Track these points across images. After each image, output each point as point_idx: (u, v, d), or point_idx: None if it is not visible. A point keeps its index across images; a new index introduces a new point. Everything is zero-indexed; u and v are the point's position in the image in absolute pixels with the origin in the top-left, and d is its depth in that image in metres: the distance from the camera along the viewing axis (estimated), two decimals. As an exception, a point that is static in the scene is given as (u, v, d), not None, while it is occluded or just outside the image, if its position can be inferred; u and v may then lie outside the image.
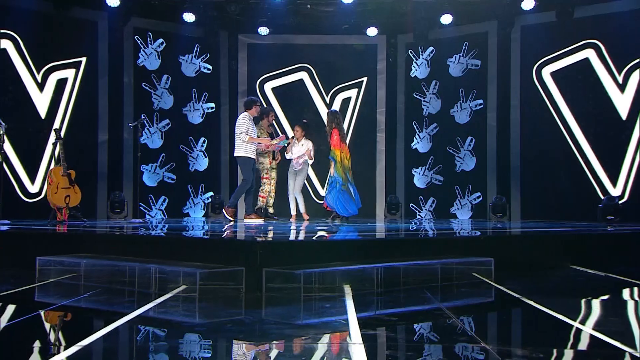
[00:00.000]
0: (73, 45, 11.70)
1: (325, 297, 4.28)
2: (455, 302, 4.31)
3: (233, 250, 4.59)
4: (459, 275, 5.08)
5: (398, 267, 4.71)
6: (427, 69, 13.10)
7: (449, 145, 12.73)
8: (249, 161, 9.29)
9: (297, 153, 10.13)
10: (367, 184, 13.05)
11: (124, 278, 4.57)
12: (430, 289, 4.65)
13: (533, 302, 4.14)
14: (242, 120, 9.30)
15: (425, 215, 12.95)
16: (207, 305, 4.03)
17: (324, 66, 13.37)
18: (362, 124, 13.39)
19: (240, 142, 9.20)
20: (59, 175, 8.51)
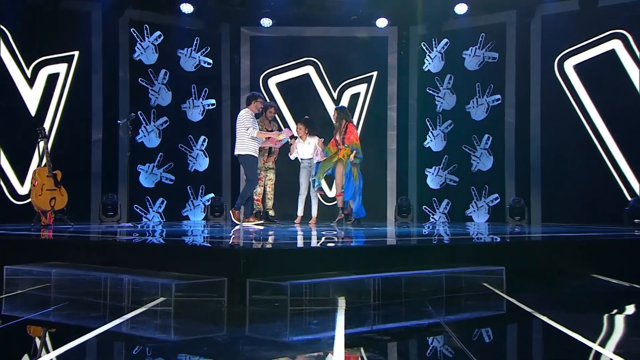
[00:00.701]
0: (65, 38, 11.52)
1: (316, 311, 4.05)
2: (457, 317, 4.05)
3: (214, 259, 4.35)
4: (467, 286, 4.82)
5: (398, 278, 4.46)
6: (441, 63, 12.85)
7: (465, 144, 12.48)
8: (253, 159, 9.12)
9: (305, 153, 9.90)
10: (377, 184, 12.79)
11: (98, 289, 4.35)
12: (434, 302, 4.40)
13: (546, 318, 3.87)
14: (244, 116, 9.12)
15: (439, 218, 12.67)
16: (182, 321, 3.80)
17: (332, 60, 13.13)
18: (371, 121, 13.14)
19: (244, 140, 9.00)
20: (44, 176, 8.34)
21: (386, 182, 13.04)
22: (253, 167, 9.14)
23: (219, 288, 4.10)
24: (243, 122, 9.06)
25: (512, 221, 11.13)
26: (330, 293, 4.32)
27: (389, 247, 5.36)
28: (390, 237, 6.73)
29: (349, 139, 9.65)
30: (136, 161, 12.12)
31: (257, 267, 4.21)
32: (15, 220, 10.33)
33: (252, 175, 9.09)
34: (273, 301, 4.04)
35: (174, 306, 3.92)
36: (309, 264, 4.53)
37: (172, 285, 3.92)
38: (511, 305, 4.37)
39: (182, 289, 4.02)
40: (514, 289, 4.86)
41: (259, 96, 9.41)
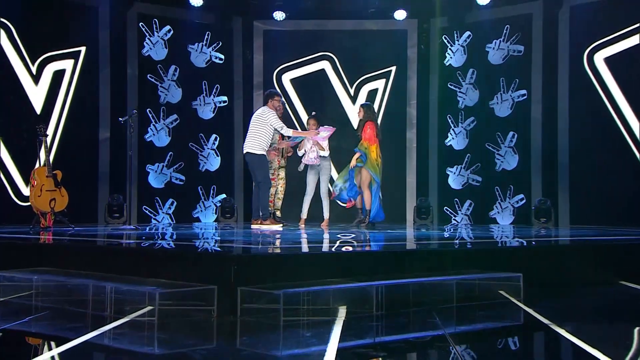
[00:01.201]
0: (71, 33, 11.45)
1: (312, 322, 3.83)
2: (465, 329, 3.81)
3: (204, 266, 4.15)
4: (482, 294, 4.58)
5: (404, 285, 4.23)
6: (464, 57, 12.59)
7: (488, 142, 12.21)
8: (265, 160, 9.01)
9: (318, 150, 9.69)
10: (396, 185, 12.61)
11: (82, 297, 4.17)
12: (442, 312, 4.16)
13: (564, 331, 3.61)
14: (269, 113, 8.96)
15: (461, 220, 12.41)
16: (167, 333, 3.61)
17: (348, 54, 12.94)
18: (390, 118, 12.91)
19: (261, 138, 8.86)
20: (43, 176, 8.24)
21: (405, 183, 12.82)
22: (266, 169, 9.00)
23: (208, 297, 3.90)
24: (269, 119, 8.91)
25: (538, 223, 10.85)
26: (330, 302, 4.10)
27: (395, 252, 5.12)
28: (400, 241, 6.49)
29: (364, 137, 9.43)
30: (145, 161, 12.04)
31: (249, 274, 4.01)
32: (19, 221, 10.24)
33: (264, 177, 8.93)
34: (266, 311, 3.83)
35: (158, 316, 3.72)
36: (308, 271, 4.32)
37: (156, 294, 3.72)
38: (527, 316, 4.12)
39: (168, 298, 3.82)
40: (532, 297, 4.61)
41: (277, 94, 9.31)
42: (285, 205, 10.07)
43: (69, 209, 10.98)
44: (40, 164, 8.57)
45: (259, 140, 8.90)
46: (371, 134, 9.32)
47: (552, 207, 11.00)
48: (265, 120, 8.94)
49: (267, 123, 8.93)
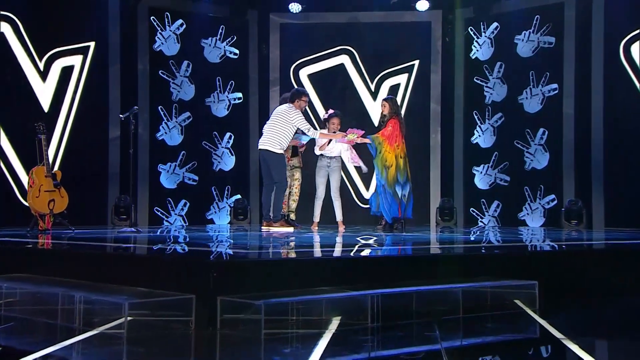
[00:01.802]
0: (80, 28, 11.32)
1: (299, 336, 3.58)
2: (466, 343, 3.53)
3: (182, 273, 3.91)
4: (493, 304, 4.28)
5: (403, 294, 3.96)
6: (491, 49, 12.27)
7: (517, 139, 11.87)
8: (283, 160, 8.86)
9: (334, 150, 9.43)
10: (419, 185, 12.11)
11: (53, 307, 3.96)
12: (445, 323, 3.87)
13: (577, 348, 3.29)
14: (294, 112, 8.75)
15: (488, 222, 12.08)
16: (138, 348, 3.37)
17: (369, 48, 12.68)
18: (413, 114, 12.55)
19: (281, 137, 8.70)
20: (42, 176, 8.11)
21: (429, 183, 12.54)
22: (284, 169, 8.83)
23: (185, 307, 3.66)
24: (295, 119, 8.72)
25: (568, 226, 10.50)
26: (322, 313, 3.84)
27: (396, 257, 4.84)
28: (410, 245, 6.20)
29: (383, 133, 9.16)
30: (157, 160, 11.91)
31: (231, 282, 3.76)
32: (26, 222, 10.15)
33: (282, 177, 8.76)
34: (248, 323, 3.58)
35: (129, 329, 3.49)
36: (299, 278, 4.06)
37: (124, 304, 3.48)
38: (539, 329, 3.81)
39: (141, 308, 3.59)
40: (550, 307, 4.31)
41: (305, 93, 9.14)
42: (301, 207, 9.88)
43: (78, 210, 10.91)
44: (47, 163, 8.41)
45: (279, 138, 8.73)
46: (391, 133, 9.07)
47: (583, 209, 10.64)
48: (291, 120, 8.74)
49: (292, 122, 8.74)
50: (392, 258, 4.81)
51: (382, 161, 9.04)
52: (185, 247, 5.58)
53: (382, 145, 9.06)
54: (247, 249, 5.34)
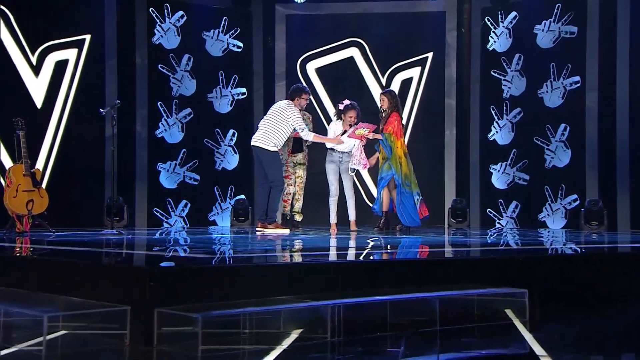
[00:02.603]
0: (75, 20, 11.11)
1: (244, 352, 3.21)
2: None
3: (117, 281, 3.55)
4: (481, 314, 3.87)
5: (370, 305, 3.55)
6: (509, 40, 11.88)
7: (537, 135, 11.48)
8: (278, 158, 8.66)
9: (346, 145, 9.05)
10: (433, 184, 11.98)
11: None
12: (416, 337, 3.49)
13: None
14: (291, 110, 8.55)
15: (507, 224, 11.70)
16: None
17: (379, 40, 12.35)
18: (426, 110, 12.30)
19: (276, 134, 8.46)
20: (20, 175, 7.85)
21: (443, 181, 12.22)
22: (279, 168, 8.64)
23: (120, 320, 3.30)
24: (291, 117, 8.50)
25: (588, 228, 10.10)
26: (281, 326, 3.47)
27: (365, 263, 4.44)
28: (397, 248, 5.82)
29: (387, 128, 8.82)
30: (156, 159, 11.66)
31: (172, 292, 3.40)
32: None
33: (276, 176, 8.51)
34: (187, 338, 3.21)
35: (47, 346, 3.14)
36: (254, 287, 3.67)
37: (44, 318, 3.12)
38: (521, 344, 3.38)
39: (69, 321, 3.24)
40: (543, 318, 3.88)
41: (306, 91, 8.89)
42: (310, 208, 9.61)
43: (73, 211, 10.74)
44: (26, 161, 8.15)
45: (274, 135, 8.48)
46: (398, 127, 8.78)
47: (604, 209, 10.22)
48: (287, 118, 8.49)
49: (289, 121, 8.50)
50: (362, 264, 4.41)
51: (396, 159, 8.76)
52: (134, 252, 5.26)
53: (394, 142, 8.77)
54: (207, 253, 4.98)
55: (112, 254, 5.03)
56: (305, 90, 8.96)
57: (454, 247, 6.33)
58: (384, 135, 8.70)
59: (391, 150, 8.62)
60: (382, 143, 8.72)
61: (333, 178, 9.12)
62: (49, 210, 10.57)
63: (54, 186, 10.79)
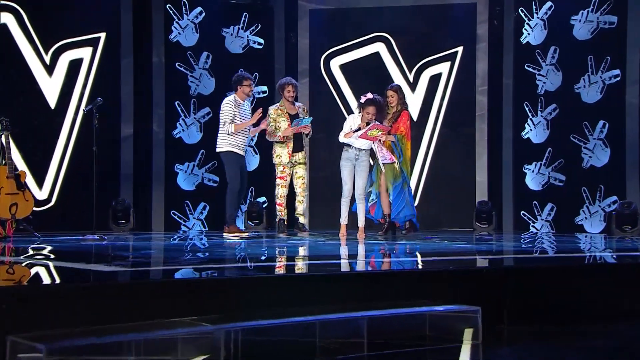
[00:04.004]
0: (89, 18, 11.06)
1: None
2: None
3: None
4: (433, 335, 3.48)
5: (275, 328, 3.16)
6: (544, 32, 11.48)
7: (573, 133, 11.07)
8: (233, 157, 8.81)
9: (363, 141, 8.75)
10: (463, 185, 11.74)
11: None
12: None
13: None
14: (222, 106, 8.93)
15: (542, 227, 11.30)
16: None
17: (406, 35, 12.07)
18: (456, 107, 11.97)
19: (222, 134, 8.85)
20: (3, 177, 7.78)
21: (474, 183, 11.87)
22: (230, 168, 8.80)
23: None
24: (220, 116, 8.82)
25: (619, 232, 9.71)
26: (173, 353, 3.11)
27: (280, 277, 4.08)
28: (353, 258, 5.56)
29: (398, 128, 8.53)
30: (173, 160, 11.55)
31: (29, 316, 3.10)
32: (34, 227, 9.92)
33: (229, 178, 8.82)
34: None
35: None
36: (140, 307, 3.33)
37: None
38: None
39: None
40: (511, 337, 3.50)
41: (245, 77, 8.96)
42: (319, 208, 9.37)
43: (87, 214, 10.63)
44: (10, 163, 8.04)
45: (219, 136, 8.94)
46: (409, 128, 8.52)
47: (638, 212, 9.80)
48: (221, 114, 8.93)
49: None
50: (277, 279, 4.03)
51: (407, 161, 8.57)
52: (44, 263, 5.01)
53: (404, 145, 8.51)
54: (128, 266, 4.72)
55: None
56: (244, 76, 9.09)
57: (408, 255, 6.13)
58: (395, 137, 8.40)
59: (402, 153, 8.32)
60: (393, 145, 8.42)
61: (347, 177, 8.79)
62: (60, 212, 10.69)
63: (68, 188, 10.79)
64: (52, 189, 10.75)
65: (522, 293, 4.07)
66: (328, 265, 5.35)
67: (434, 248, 7.20)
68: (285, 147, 9.14)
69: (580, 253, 6.98)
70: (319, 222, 11.42)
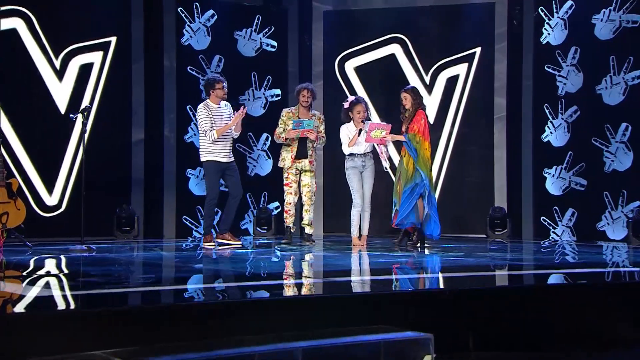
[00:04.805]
0: (100, 22, 11.04)
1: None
2: None
3: None
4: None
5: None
6: (564, 32, 11.28)
7: (595, 136, 10.86)
8: (211, 166, 8.76)
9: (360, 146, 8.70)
10: (482, 189, 11.62)
11: None
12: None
13: None
14: (198, 116, 8.89)
15: (562, 233, 11.09)
16: None
17: (423, 36, 11.99)
18: (474, 109, 11.84)
19: (202, 142, 8.80)
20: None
21: (493, 187, 11.72)
22: (210, 176, 8.76)
23: None
24: (198, 122, 8.77)
25: (635, 241, 9.47)
26: None
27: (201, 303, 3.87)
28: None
29: (417, 130, 8.38)
30: (185, 165, 11.51)
31: None
32: (40, 235, 9.93)
33: (207, 186, 8.88)
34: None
35: None
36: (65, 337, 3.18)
37: None
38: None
39: None
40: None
41: (217, 80, 8.92)
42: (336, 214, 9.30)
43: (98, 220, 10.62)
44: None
45: (200, 145, 8.91)
46: (425, 127, 8.37)
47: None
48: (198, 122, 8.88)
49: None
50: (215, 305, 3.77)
51: (425, 161, 8.35)
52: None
53: (420, 144, 8.33)
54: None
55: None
56: (216, 79, 9.01)
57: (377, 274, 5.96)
58: (407, 136, 8.27)
59: (417, 153, 8.18)
60: (405, 145, 8.30)
61: (357, 185, 8.71)
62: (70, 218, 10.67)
63: (78, 194, 10.77)
64: (62, 194, 10.73)
65: (486, 318, 3.85)
66: (273, 287, 5.06)
67: (418, 263, 7.09)
68: (290, 151, 9.04)
69: (561, 269, 6.74)
70: (337, 226, 11.34)
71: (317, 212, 12.03)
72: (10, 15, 10.44)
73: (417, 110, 8.42)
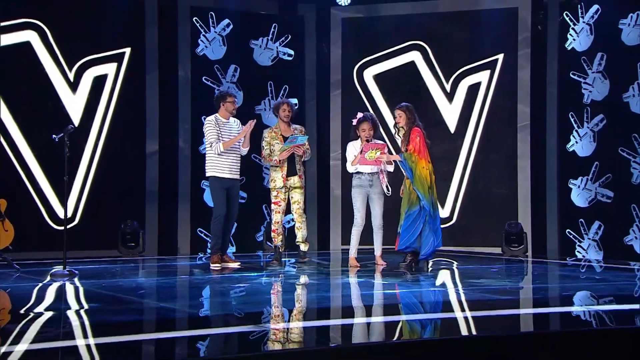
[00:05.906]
0: (114, 33, 11.11)
1: None
2: None
3: None
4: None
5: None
6: (590, 38, 11.02)
7: (622, 146, 10.59)
8: (215, 182, 8.78)
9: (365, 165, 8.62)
10: (505, 201, 11.43)
11: None
12: None
13: None
14: (205, 129, 8.89)
15: (588, 247, 10.82)
16: None
17: (443, 42, 11.84)
18: (496, 118, 11.64)
19: (208, 157, 8.84)
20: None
21: (517, 198, 11.49)
22: (216, 193, 8.73)
23: None
24: (205, 134, 8.76)
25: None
26: None
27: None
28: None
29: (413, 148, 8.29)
30: (200, 176, 11.47)
31: None
32: (52, 248, 10.03)
33: (214, 203, 8.89)
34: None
35: None
36: None
37: None
38: None
39: None
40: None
41: (228, 94, 8.92)
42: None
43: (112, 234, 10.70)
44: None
45: (206, 158, 8.91)
46: (421, 144, 8.25)
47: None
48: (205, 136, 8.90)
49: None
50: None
51: (422, 181, 8.19)
52: None
53: (416, 163, 8.21)
54: None
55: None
56: (227, 93, 9.14)
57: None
58: (402, 156, 8.16)
59: (412, 172, 8.06)
60: (400, 165, 8.21)
61: (360, 205, 8.66)
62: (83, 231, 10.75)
63: (92, 207, 10.88)
64: (76, 207, 10.82)
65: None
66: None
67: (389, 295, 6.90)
68: (280, 170, 9.02)
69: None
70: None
71: (335, 224, 12.02)
72: (24, 28, 10.62)
73: (412, 128, 8.31)
